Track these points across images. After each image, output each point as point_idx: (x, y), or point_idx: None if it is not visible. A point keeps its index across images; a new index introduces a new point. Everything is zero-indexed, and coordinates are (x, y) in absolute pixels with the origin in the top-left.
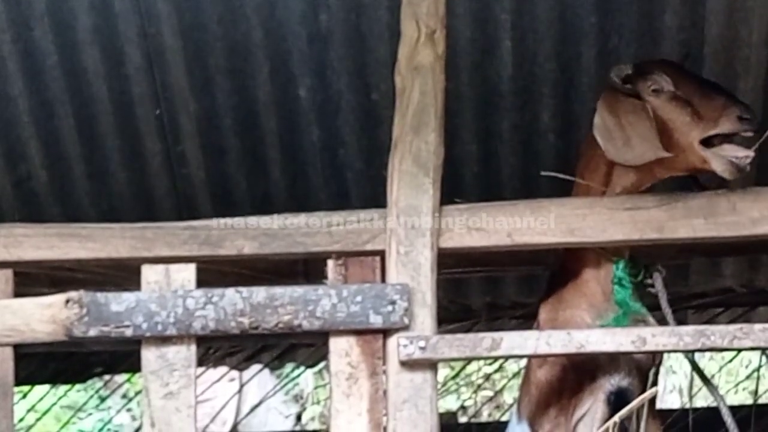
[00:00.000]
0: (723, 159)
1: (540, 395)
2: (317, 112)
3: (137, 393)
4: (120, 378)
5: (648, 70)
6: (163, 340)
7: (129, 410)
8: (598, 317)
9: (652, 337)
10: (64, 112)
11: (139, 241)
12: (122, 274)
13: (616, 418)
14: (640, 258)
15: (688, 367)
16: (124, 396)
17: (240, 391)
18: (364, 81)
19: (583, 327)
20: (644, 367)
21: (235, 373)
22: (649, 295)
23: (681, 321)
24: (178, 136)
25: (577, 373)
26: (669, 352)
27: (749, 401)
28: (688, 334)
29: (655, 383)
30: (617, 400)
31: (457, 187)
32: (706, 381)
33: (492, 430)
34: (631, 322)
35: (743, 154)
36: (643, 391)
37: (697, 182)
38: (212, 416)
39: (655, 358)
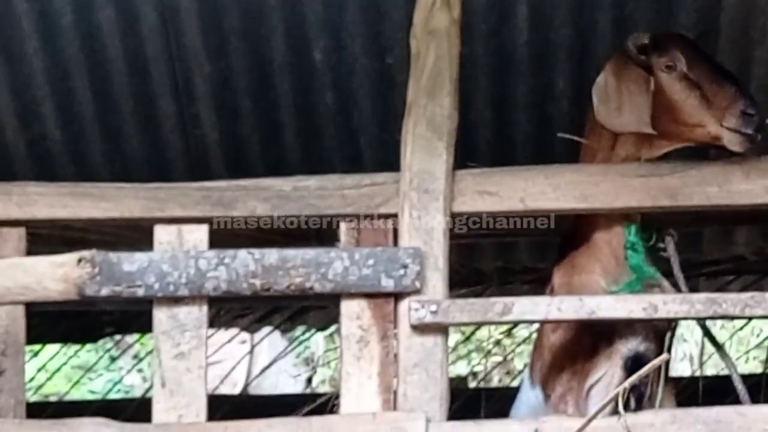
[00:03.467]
0: (735, 134)
1: (553, 359)
2: (332, 75)
3: (148, 353)
4: (131, 338)
5: (665, 44)
6: (175, 300)
7: (140, 371)
8: (613, 282)
9: (663, 304)
10: (78, 72)
11: (152, 201)
12: (134, 235)
13: (626, 384)
14: (651, 222)
15: (699, 335)
16: (135, 356)
17: (251, 352)
18: (379, 44)
19: (599, 291)
20: (661, 331)
21: (246, 335)
22: (663, 261)
23: (693, 288)
24: (192, 98)
25: (592, 338)
26: (680, 319)
27: (760, 370)
28: (700, 301)
29: (669, 348)
30: (634, 365)
31: (470, 152)
32: (718, 347)
33: (501, 395)
34: (644, 288)
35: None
36: (660, 355)
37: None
38: (222, 377)
39: (671, 321)
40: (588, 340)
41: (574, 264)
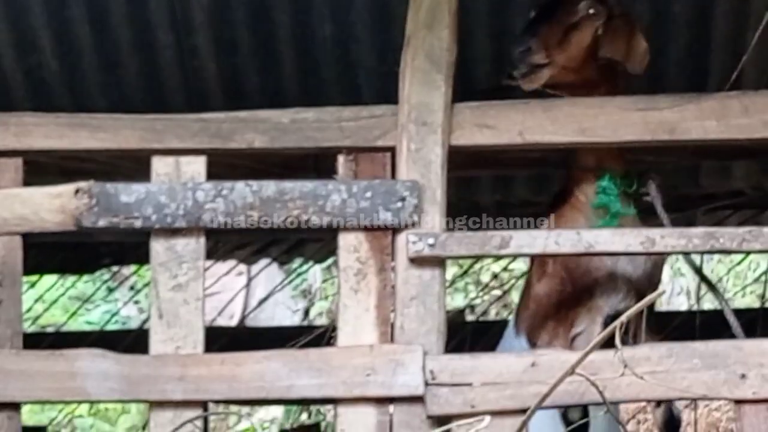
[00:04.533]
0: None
1: (538, 308)
2: (330, 7)
3: (145, 285)
4: (127, 270)
5: None
6: (173, 232)
7: (137, 302)
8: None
9: (661, 238)
10: (75, 1)
11: (149, 133)
12: (132, 165)
13: (623, 318)
14: (632, 170)
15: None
16: (131, 288)
17: (248, 285)
18: None
19: None
20: (642, 291)
21: (243, 267)
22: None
23: (690, 223)
24: (190, 29)
25: (576, 288)
26: (677, 253)
27: (757, 304)
28: (697, 236)
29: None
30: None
31: (469, 85)
32: (710, 284)
33: (499, 328)
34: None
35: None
36: (639, 315)
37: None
38: (220, 309)
39: (653, 279)
40: (571, 289)
41: (560, 216)
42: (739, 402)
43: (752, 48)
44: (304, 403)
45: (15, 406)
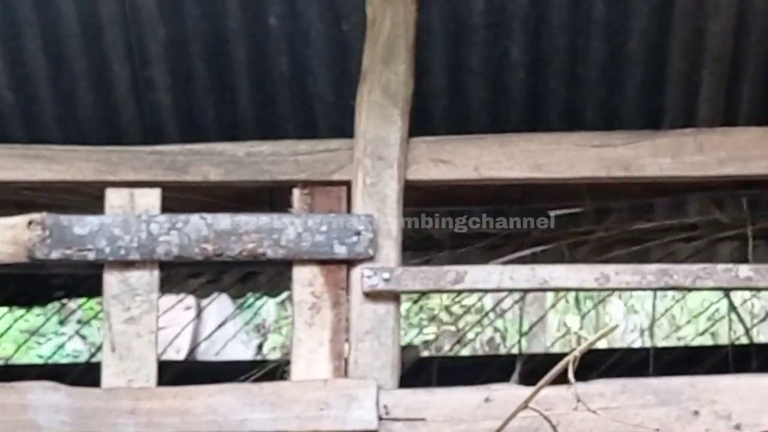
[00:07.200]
0: None
1: None
2: (287, 41)
3: (92, 318)
4: (74, 304)
5: None
6: (126, 264)
7: (83, 337)
8: None
9: (615, 274)
10: (31, 32)
11: (104, 165)
12: (86, 198)
13: (577, 352)
14: None
15: (649, 306)
16: (78, 321)
17: (197, 317)
18: (335, 11)
19: None
20: None
21: (191, 302)
22: None
23: (644, 258)
24: (146, 61)
25: None
26: (632, 290)
27: (710, 342)
28: (651, 272)
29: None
30: None
31: (425, 120)
32: None
33: (453, 362)
34: None
35: None
36: None
37: None
38: (168, 342)
39: None
40: None
41: None
42: None
43: (706, 85)
44: None
45: None
